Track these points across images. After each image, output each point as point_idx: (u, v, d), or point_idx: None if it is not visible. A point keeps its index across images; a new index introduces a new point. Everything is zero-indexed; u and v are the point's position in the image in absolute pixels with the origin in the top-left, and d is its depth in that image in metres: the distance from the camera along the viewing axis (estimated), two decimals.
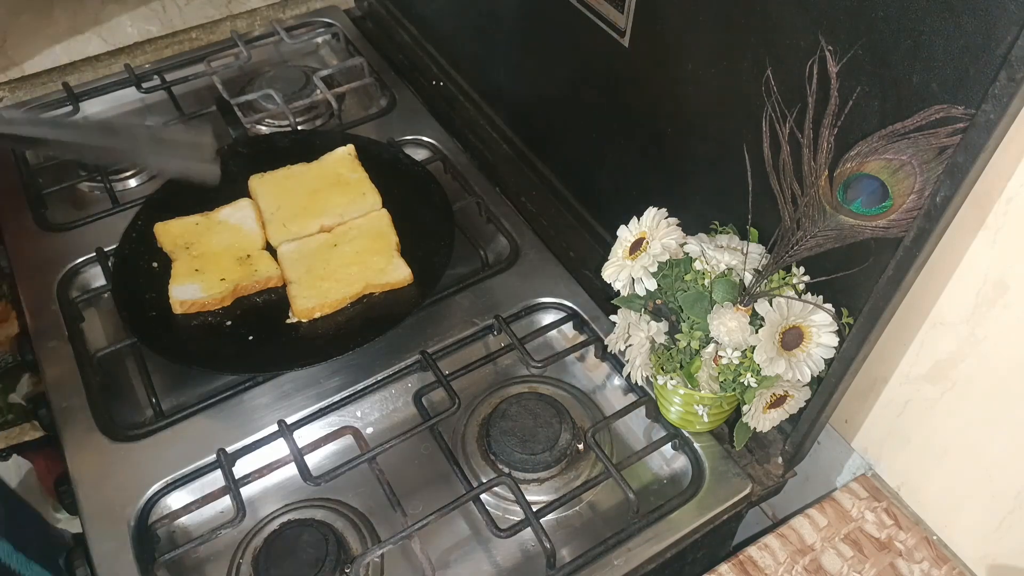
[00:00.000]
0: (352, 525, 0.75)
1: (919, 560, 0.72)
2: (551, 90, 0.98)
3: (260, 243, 0.91)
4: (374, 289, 0.86)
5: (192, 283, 0.86)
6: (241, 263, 0.88)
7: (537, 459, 0.78)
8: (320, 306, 0.84)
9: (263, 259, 0.89)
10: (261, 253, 0.90)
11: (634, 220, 0.71)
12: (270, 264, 0.89)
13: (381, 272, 0.87)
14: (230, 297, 0.86)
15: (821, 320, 0.63)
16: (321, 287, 0.86)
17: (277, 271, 0.88)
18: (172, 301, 0.84)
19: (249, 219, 0.93)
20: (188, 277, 0.87)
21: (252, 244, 0.91)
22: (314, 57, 1.31)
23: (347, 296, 0.85)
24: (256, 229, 0.92)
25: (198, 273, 0.87)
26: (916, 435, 0.72)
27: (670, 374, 0.69)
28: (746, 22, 0.65)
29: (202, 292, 0.85)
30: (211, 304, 0.85)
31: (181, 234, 0.91)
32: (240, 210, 0.94)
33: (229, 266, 0.88)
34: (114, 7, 1.19)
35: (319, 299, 0.85)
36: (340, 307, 0.85)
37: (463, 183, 1.04)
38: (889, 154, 0.54)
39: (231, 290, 0.85)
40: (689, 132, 0.78)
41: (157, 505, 0.76)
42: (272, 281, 0.87)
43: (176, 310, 0.84)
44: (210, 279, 0.86)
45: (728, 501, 0.75)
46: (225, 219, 0.93)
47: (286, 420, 0.79)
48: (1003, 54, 0.47)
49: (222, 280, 0.86)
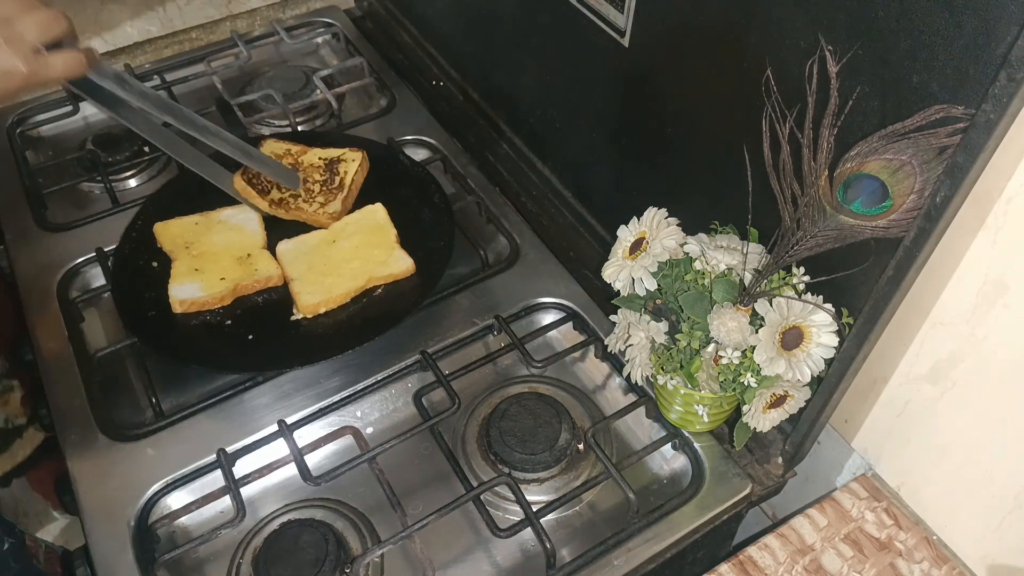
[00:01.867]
0: (352, 525, 0.75)
1: (919, 560, 0.72)
2: (551, 90, 0.98)
3: (261, 243, 0.91)
4: (377, 282, 0.87)
5: (192, 282, 0.86)
6: (241, 262, 0.88)
7: (537, 459, 0.78)
8: (325, 301, 0.84)
9: (263, 258, 0.89)
10: (261, 252, 0.90)
11: (634, 220, 0.71)
12: (270, 263, 0.89)
13: (383, 264, 0.87)
14: (230, 296, 0.86)
15: (821, 320, 0.63)
16: (324, 282, 0.86)
17: (278, 270, 0.88)
18: (172, 300, 0.84)
19: (251, 220, 0.93)
20: (188, 276, 0.86)
21: (253, 244, 0.91)
22: (314, 57, 1.31)
23: (351, 290, 0.85)
24: (258, 230, 0.92)
25: (198, 272, 0.87)
26: (916, 435, 0.72)
27: (670, 374, 0.69)
28: (746, 22, 0.65)
29: (202, 291, 0.85)
30: (211, 303, 0.85)
31: (181, 233, 0.91)
32: (243, 211, 0.94)
33: (229, 265, 0.88)
34: (114, 7, 1.19)
35: (323, 294, 0.84)
36: (344, 302, 0.85)
37: (463, 183, 1.04)
38: (889, 154, 0.54)
39: (231, 289, 0.85)
40: (689, 132, 0.78)
41: (157, 505, 0.76)
42: (272, 280, 0.87)
43: (176, 309, 0.84)
44: (210, 278, 0.86)
45: (728, 501, 0.75)
46: (226, 219, 0.93)
47: (286, 420, 0.79)
48: (1003, 54, 0.47)
49: (222, 279, 0.86)
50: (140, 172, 1.09)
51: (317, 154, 0.98)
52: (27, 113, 1.15)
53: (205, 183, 0.92)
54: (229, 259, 0.89)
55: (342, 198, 0.93)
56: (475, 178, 1.05)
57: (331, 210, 0.92)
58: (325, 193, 0.94)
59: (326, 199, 0.94)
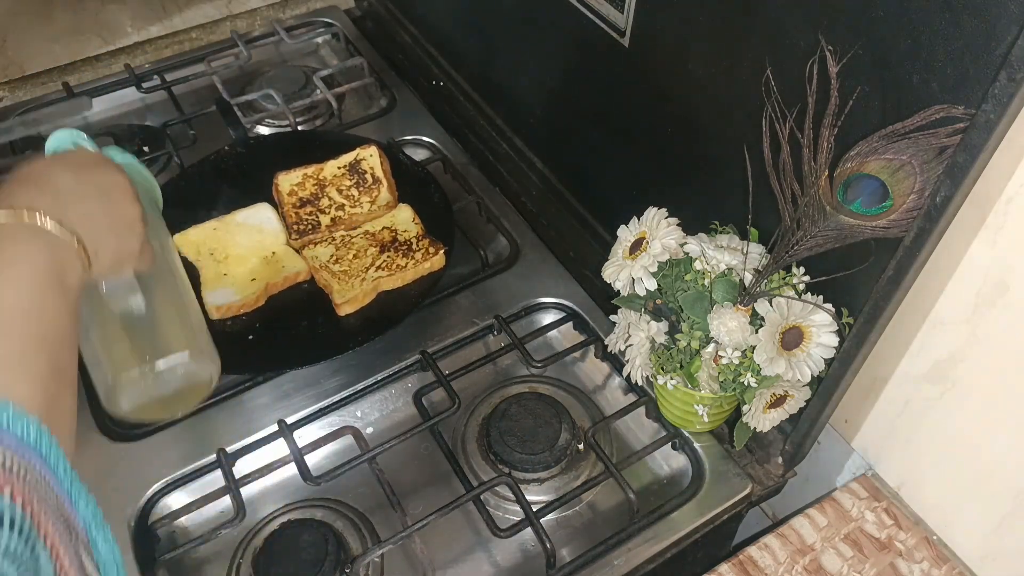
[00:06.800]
0: (352, 525, 0.75)
1: (919, 560, 0.72)
2: (551, 90, 0.98)
3: (283, 239, 0.91)
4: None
5: (223, 287, 0.86)
6: (267, 262, 0.89)
7: (537, 459, 0.78)
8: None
9: (289, 255, 0.90)
10: (286, 249, 0.90)
11: (634, 220, 0.71)
12: (296, 259, 0.89)
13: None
14: (263, 296, 0.86)
15: (821, 320, 0.63)
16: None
17: (304, 266, 0.88)
18: (208, 308, 0.83)
19: (270, 220, 0.93)
20: (217, 282, 0.86)
21: (276, 242, 0.91)
22: (314, 57, 1.31)
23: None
24: (278, 228, 0.92)
25: (227, 277, 0.87)
26: (916, 435, 0.72)
27: (670, 374, 0.69)
28: (746, 22, 0.65)
29: (235, 295, 0.85)
30: (247, 306, 0.85)
31: (202, 241, 0.91)
32: (259, 211, 0.94)
33: (257, 266, 0.88)
34: (114, 7, 1.19)
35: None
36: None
37: (463, 183, 1.04)
38: (889, 154, 0.54)
39: (263, 288, 0.85)
40: (689, 132, 0.78)
41: (157, 505, 0.76)
42: (301, 276, 0.88)
43: (213, 316, 0.83)
44: (241, 281, 0.86)
45: (728, 501, 0.75)
46: (244, 221, 0.93)
47: (286, 420, 0.79)
48: (1003, 54, 0.47)
49: (253, 280, 0.86)
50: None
51: (334, 164, 0.98)
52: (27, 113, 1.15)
53: (205, 183, 0.92)
54: (256, 260, 0.89)
55: (385, 188, 0.95)
56: (475, 178, 1.05)
57: (382, 202, 0.94)
58: (365, 192, 0.95)
59: (371, 196, 0.95)
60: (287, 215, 0.93)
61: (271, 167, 0.97)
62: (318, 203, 0.94)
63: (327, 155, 0.99)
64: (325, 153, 0.99)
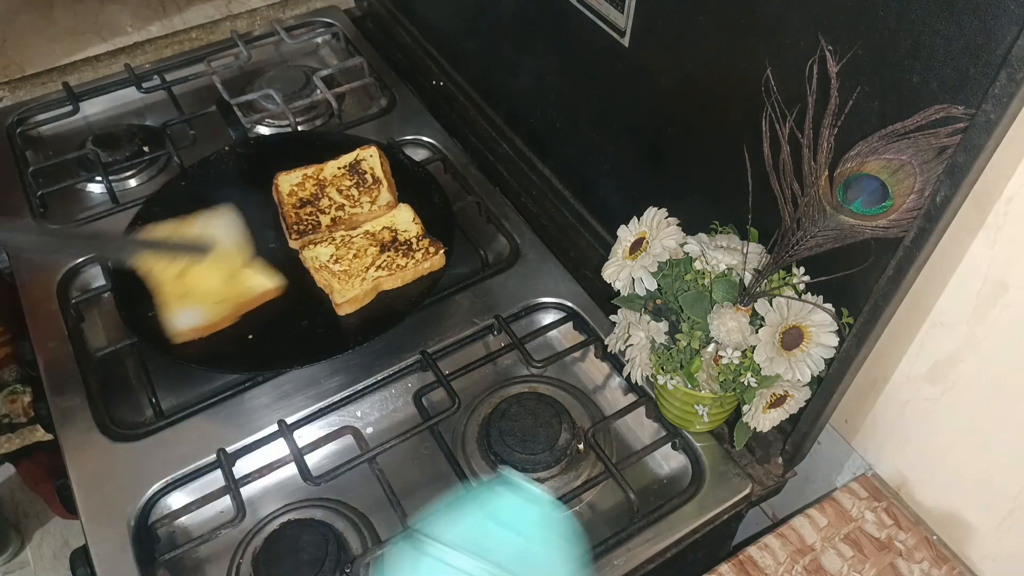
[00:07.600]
0: (352, 525, 0.75)
1: (919, 560, 0.72)
2: (551, 90, 0.98)
3: (246, 255, 0.83)
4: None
5: (186, 308, 0.79)
6: (232, 279, 0.81)
7: (537, 459, 0.78)
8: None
9: (250, 276, 0.82)
10: (245, 270, 0.82)
11: (634, 220, 0.71)
12: (260, 278, 0.83)
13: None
14: (233, 316, 0.82)
15: (821, 320, 0.63)
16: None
17: (273, 283, 0.83)
18: (172, 334, 0.78)
19: (232, 227, 0.83)
20: (179, 302, 0.79)
21: (237, 257, 0.82)
22: (314, 57, 1.31)
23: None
24: (241, 240, 0.83)
25: (187, 297, 0.79)
26: (916, 435, 0.72)
27: (670, 374, 0.69)
28: (746, 22, 0.65)
29: (203, 316, 0.80)
30: (218, 325, 0.81)
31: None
32: (220, 215, 0.84)
33: (221, 286, 0.80)
34: (114, 7, 1.19)
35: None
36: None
37: (463, 183, 1.04)
38: (889, 154, 0.54)
39: (231, 310, 0.81)
40: (689, 132, 0.78)
41: (157, 505, 0.76)
42: (271, 294, 0.83)
43: (178, 342, 0.79)
44: (204, 303, 0.79)
45: (728, 501, 0.75)
46: (202, 229, 0.82)
47: (286, 420, 0.79)
48: (1003, 54, 0.47)
49: (218, 303, 0.80)
50: (140, 172, 1.09)
51: (334, 165, 0.98)
52: (27, 113, 1.15)
53: (205, 183, 0.92)
54: (218, 279, 0.80)
55: (385, 188, 0.94)
56: (475, 178, 1.05)
57: (382, 202, 0.93)
58: (365, 192, 0.95)
59: (371, 196, 0.94)
60: (287, 215, 0.93)
61: (271, 167, 0.97)
62: (318, 203, 0.94)
63: (327, 155, 0.99)
64: (325, 153, 0.99)
